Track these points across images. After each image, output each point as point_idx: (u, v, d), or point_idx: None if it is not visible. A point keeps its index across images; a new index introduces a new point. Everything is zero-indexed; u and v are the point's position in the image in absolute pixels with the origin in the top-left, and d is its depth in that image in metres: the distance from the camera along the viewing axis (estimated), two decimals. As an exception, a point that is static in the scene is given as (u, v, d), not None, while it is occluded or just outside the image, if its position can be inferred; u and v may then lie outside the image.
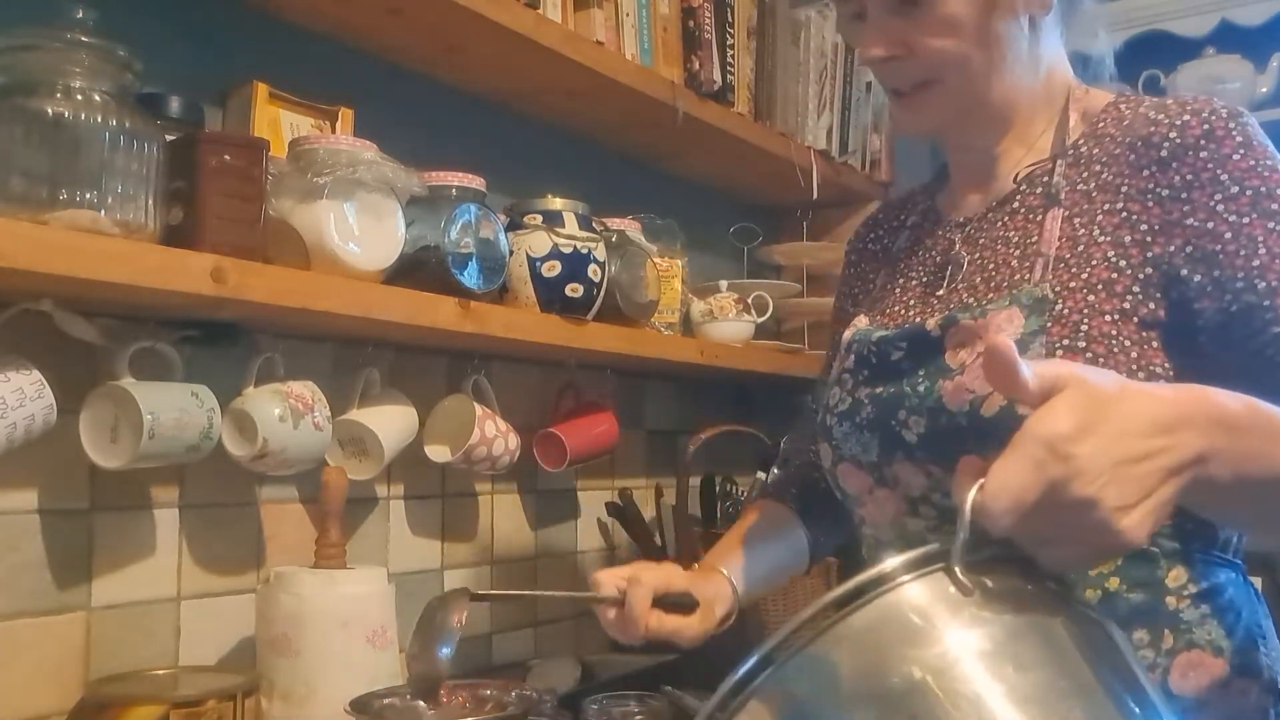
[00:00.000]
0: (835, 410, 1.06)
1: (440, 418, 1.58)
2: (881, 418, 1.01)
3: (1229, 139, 0.93)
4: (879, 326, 1.08)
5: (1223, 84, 2.16)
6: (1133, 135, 0.98)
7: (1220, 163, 0.92)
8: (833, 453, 1.07)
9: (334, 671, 1.26)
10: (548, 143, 1.87)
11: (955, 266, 1.05)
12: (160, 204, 1.08)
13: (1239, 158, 0.92)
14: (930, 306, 1.06)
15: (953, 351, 0.97)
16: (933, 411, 0.96)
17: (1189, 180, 0.93)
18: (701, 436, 1.88)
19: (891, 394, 1.00)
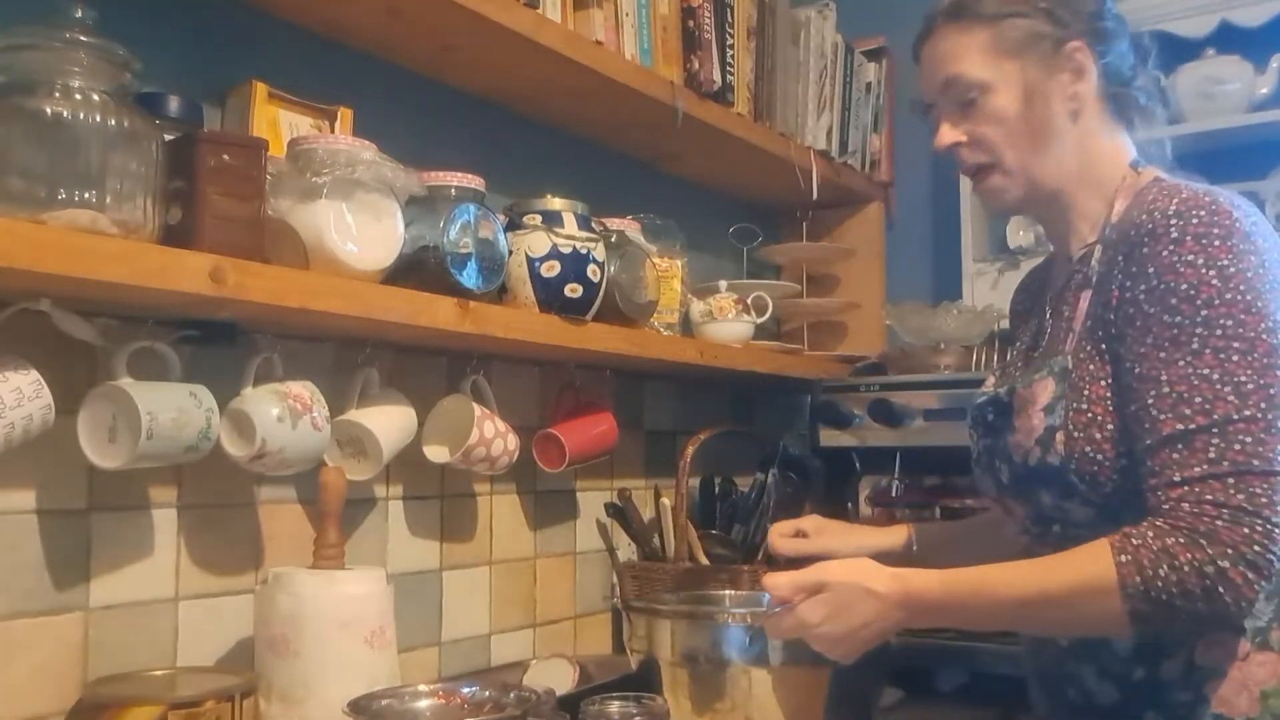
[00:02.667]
0: (973, 456, 1.32)
1: (439, 418, 1.58)
2: (989, 464, 1.26)
3: (1165, 236, 1.08)
4: (992, 388, 1.30)
5: (1223, 85, 2.16)
6: (1125, 224, 1.15)
7: (1152, 258, 1.08)
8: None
9: (332, 672, 1.26)
10: (547, 143, 1.87)
11: (1041, 335, 1.27)
12: (159, 204, 1.07)
13: (1166, 253, 1.07)
14: (1022, 371, 1.26)
15: (1016, 413, 1.20)
16: (1009, 460, 1.21)
17: (1132, 271, 1.10)
18: (701, 437, 1.88)
19: (989, 445, 1.26)
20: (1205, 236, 1.06)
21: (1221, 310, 1.04)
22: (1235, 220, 1.07)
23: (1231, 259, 1.05)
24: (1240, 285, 1.05)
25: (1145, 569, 1.01)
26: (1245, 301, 1.04)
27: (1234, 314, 1.04)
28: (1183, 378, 1.04)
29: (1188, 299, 1.05)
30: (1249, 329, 1.03)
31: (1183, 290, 1.05)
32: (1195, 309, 1.05)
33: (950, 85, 1.23)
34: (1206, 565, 0.99)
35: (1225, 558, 0.99)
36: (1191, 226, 1.06)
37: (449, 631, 1.66)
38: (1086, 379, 1.14)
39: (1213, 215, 1.07)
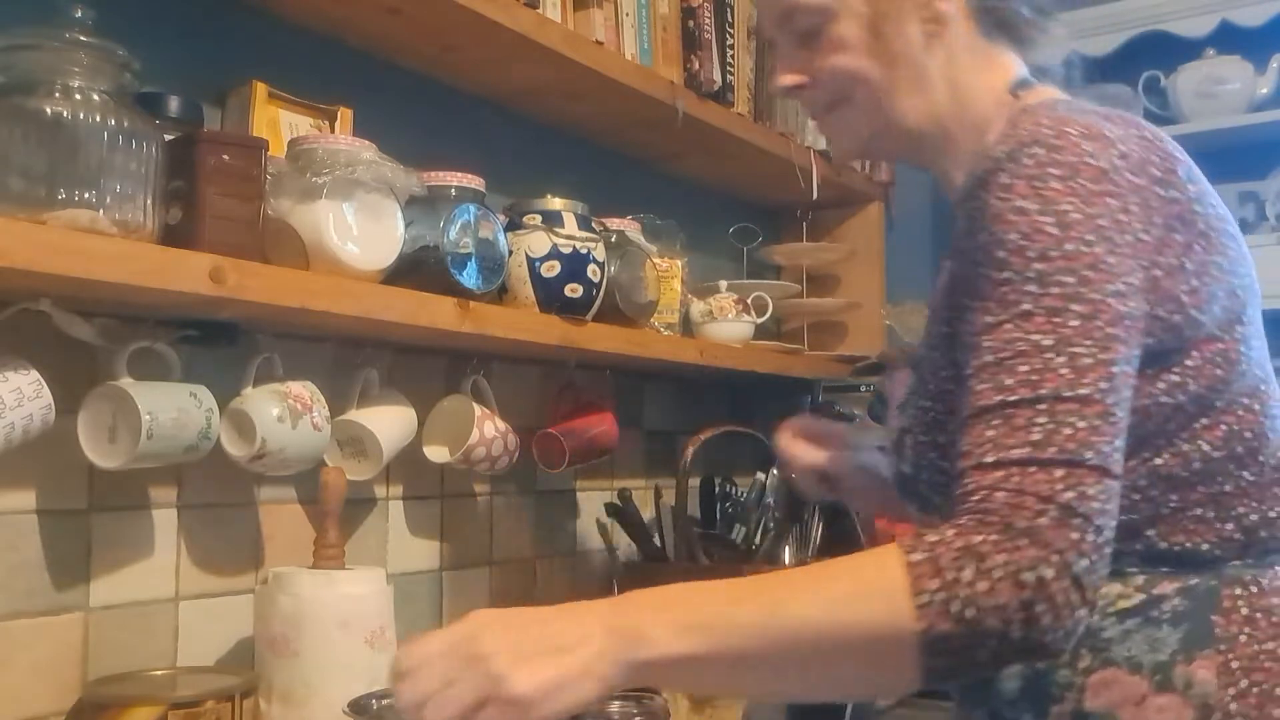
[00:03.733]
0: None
1: (439, 418, 1.58)
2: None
3: (995, 181, 0.87)
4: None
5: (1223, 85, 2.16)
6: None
7: (983, 208, 0.87)
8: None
9: (332, 672, 1.26)
10: (547, 143, 1.87)
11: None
12: (159, 204, 1.07)
13: (996, 201, 0.86)
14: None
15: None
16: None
17: (966, 227, 0.89)
18: (701, 437, 1.88)
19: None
20: (1041, 178, 0.85)
21: (1059, 264, 0.82)
22: (1087, 156, 0.86)
23: (1075, 203, 0.84)
24: (1087, 234, 0.83)
25: (945, 571, 0.75)
26: (1091, 255, 0.83)
27: (1075, 269, 0.82)
28: (1008, 343, 0.82)
29: (1017, 250, 0.83)
30: (1093, 289, 0.82)
31: (1011, 241, 0.84)
32: (1026, 262, 0.83)
33: (787, 16, 1.04)
34: (1025, 571, 0.74)
35: (1049, 564, 0.74)
36: (1025, 167, 0.85)
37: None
38: (930, 367, 0.94)
39: (1055, 151, 0.86)
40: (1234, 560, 0.90)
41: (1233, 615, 0.88)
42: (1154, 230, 0.87)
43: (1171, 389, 0.88)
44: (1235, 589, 0.89)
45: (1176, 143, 0.94)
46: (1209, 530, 0.89)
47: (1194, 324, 0.88)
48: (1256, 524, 0.90)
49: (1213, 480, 0.89)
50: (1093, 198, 0.85)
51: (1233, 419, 0.90)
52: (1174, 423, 0.88)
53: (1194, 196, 0.91)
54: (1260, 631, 0.88)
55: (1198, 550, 0.89)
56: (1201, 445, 0.89)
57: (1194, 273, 0.89)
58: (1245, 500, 0.90)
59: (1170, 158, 0.92)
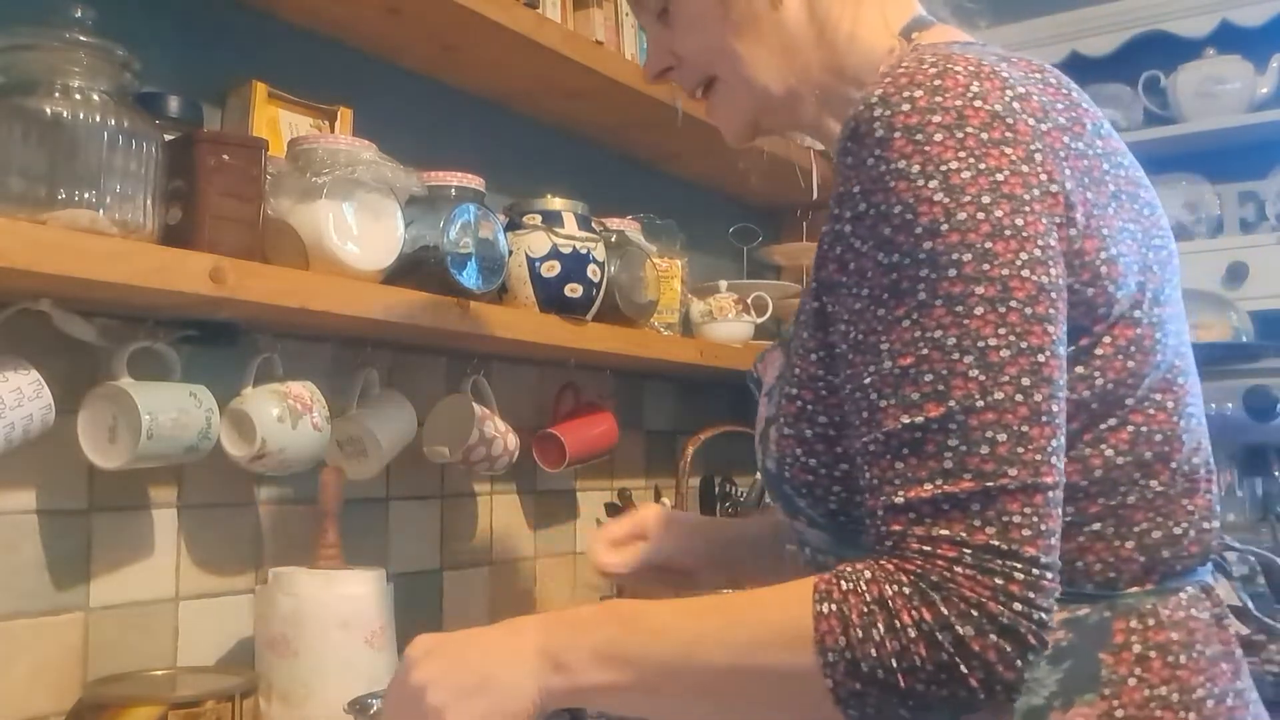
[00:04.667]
0: None
1: (439, 418, 1.58)
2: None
3: (869, 134, 0.73)
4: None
5: (1223, 84, 2.16)
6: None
7: (856, 170, 0.74)
8: None
9: (332, 672, 1.26)
10: (547, 143, 1.87)
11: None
12: (159, 204, 1.07)
13: (871, 162, 0.73)
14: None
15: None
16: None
17: (839, 192, 0.77)
18: (701, 437, 1.88)
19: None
20: (920, 128, 0.71)
21: (953, 239, 0.70)
22: (975, 99, 0.72)
23: (964, 158, 0.70)
24: (982, 197, 0.70)
25: (853, 627, 0.68)
26: (992, 221, 0.70)
27: (972, 243, 0.69)
28: (907, 345, 0.70)
29: (903, 227, 0.71)
30: (998, 263, 0.69)
31: (895, 215, 0.71)
32: (915, 241, 0.70)
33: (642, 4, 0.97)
34: (940, 631, 0.66)
35: (967, 621, 0.66)
36: (901, 116, 0.72)
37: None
38: (799, 351, 0.81)
39: (936, 94, 0.72)
40: (1132, 587, 0.77)
41: (1123, 654, 0.75)
42: (1066, 183, 0.74)
43: (1076, 383, 0.75)
44: (1130, 621, 0.76)
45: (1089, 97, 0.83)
46: (1105, 548, 0.77)
47: (1109, 300, 0.75)
48: (1159, 542, 0.78)
49: (1114, 491, 0.77)
50: (985, 149, 0.71)
51: (1141, 419, 0.77)
52: (1076, 423, 0.75)
53: (1103, 152, 0.79)
54: (1153, 674, 0.75)
55: (1090, 572, 0.77)
56: (1105, 450, 0.76)
57: (1110, 239, 0.75)
58: (1149, 514, 0.77)
59: (1077, 107, 0.80)
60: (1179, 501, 0.79)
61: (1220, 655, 0.79)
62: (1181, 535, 0.79)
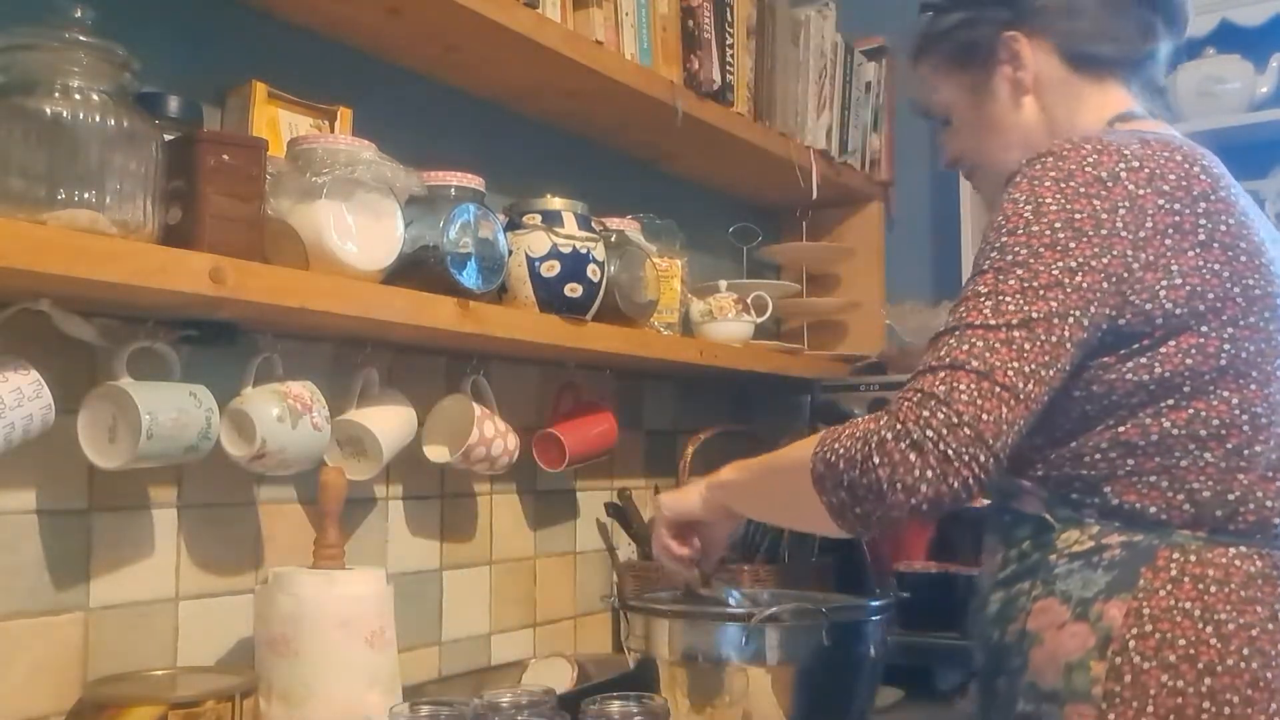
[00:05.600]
0: None
1: (439, 418, 1.58)
2: None
3: (1010, 182, 1.06)
4: None
5: (1223, 84, 2.16)
6: None
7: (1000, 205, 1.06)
8: None
9: (332, 672, 1.26)
10: (547, 143, 1.87)
11: None
12: (159, 204, 1.07)
13: (1004, 195, 1.05)
14: None
15: None
16: None
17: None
18: (701, 437, 1.88)
19: None
20: (1039, 179, 1.03)
21: (1020, 239, 1.00)
22: (1087, 165, 1.03)
23: (1058, 199, 1.01)
24: (1056, 223, 1.00)
25: (833, 434, 1.01)
26: (1052, 237, 1.00)
27: (1031, 245, 1.00)
28: (966, 288, 1.02)
29: (997, 228, 1.03)
30: (1041, 261, 0.99)
31: (998, 222, 1.03)
32: (997, 235, 1.02)
33: (933, 116, 1.31)
34: (872, 435, 0.96)
35: (890, 430, 0.95)
36: (1033, 170, 1.04)
37: (449, 631, 1.66)
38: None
39: (1059, 160, 1.04)
40: (1182, 529, 1.02)
41: (1161, 573, 1.00)
42: (1140, 232, 1.01)
43: (1139, 369, 1.01)
44: (1174, 553, 1.01)
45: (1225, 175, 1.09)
46: (1159, 496, 1.02)
47: (1168, 316, 1.01)
48: (1209, 501, 1.02)
49: (1169, 454, 1.02)
50: (1078, 197, 1.01)
51: (1202, 406, 1.02)
52: (1137, 398, 1.02)
53: (1202, 212, 1.03)
54: (1181, 591, 0.99)
55: (1146, 512, 1.02)
56: (1163, 422, 1.02)
57: (1179, 273, 1.01)
58: (1201, 478, 1.02)
59: (1191, 178, 1.04)
60: (1235, 475, 1.02)
61: (1258, 599, 1.00)
62: (1236, 502, 1.02)
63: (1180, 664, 0.97)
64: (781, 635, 1.40)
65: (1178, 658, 0.97)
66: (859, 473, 0.97)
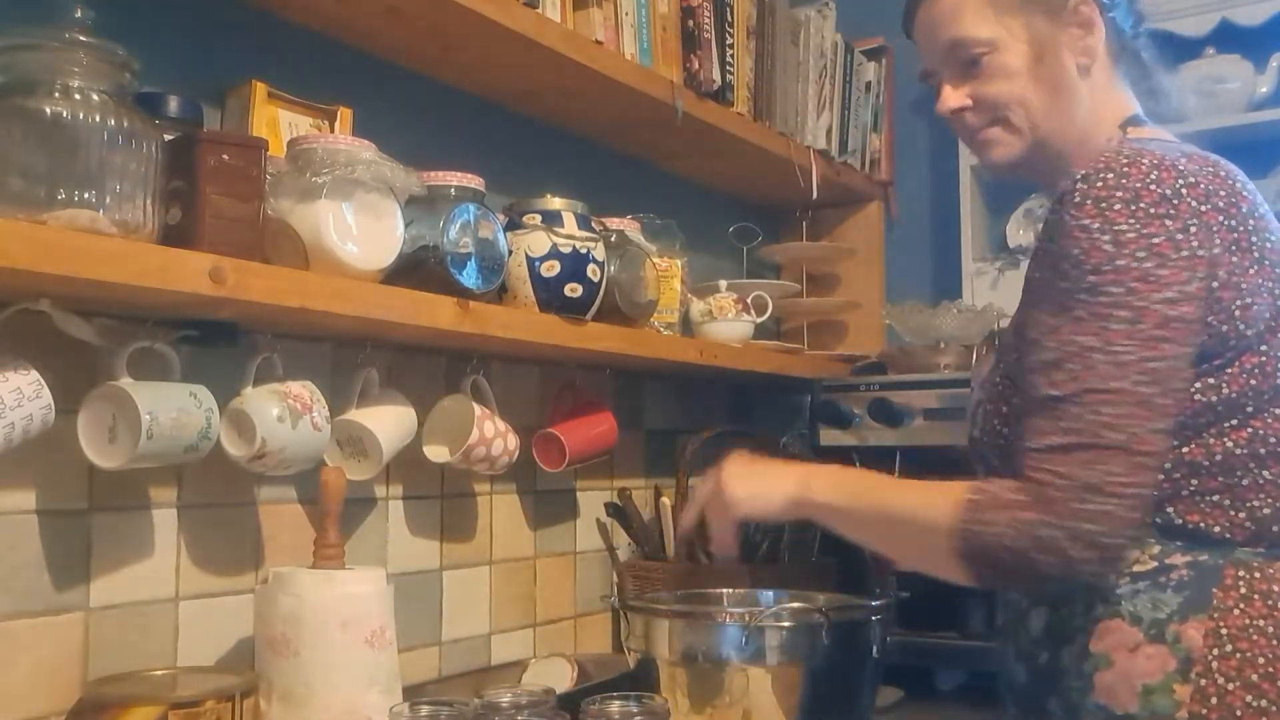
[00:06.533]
0: None
1: (439, 418, 1.58)
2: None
3: (1070, 200, 1.02)
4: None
5: (1223, 84, 2.16)
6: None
7: (1057, 224, 1.03)
8: None
9: (333, 672, 1.26)
10: (547, 142, 1.87)
11: None
12: (159, 204, 1.07)
13: (1068, 219, 1.02)
14: None
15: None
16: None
17: (1044, 238, 1.05)
18: (701, 437, 1.88)
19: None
20: (1106, 200, 1.00)
21: (1109, 277, 0.98)
22: (1151, 183, 1.00)
23: (1132, 224, 0.99)
24: (1138, 252, 0.98)
25: (984, 512, 0.99)
26: (1140, 269, 0.98)
27: (1123, 281, 0.98)
28: (1062, 344, 1.00)
29: (1077, 264, 1.00)
30: (1139, 297, 0.98)
31: (1074, 255, 1.00)
32: (1082, 274, 1.00)
33: (955, 47, 1.19)
34: (1040, 529, 0.96)
35: (1059, 528, 0.95)
36: (1095, 190, 1.01)
37: (449, 631, 1.66)
38: (1007, 350, 1.14)
39: (1121, 178, 1.01)
40: (1243, 546, 1.03)
41: (1231, 591, 1.02)
42: (1213, 250, 1.00)
43: (1207, 390, 1.03)
44: (1239, 570, 1.02)
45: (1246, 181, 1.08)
46: (1222, 515, 1.04)
47: (1240, 336, 1.02)
48: (1269, 518, 1.03)
49: (1232, 473, 1.03)
50: (1150, 220, 0.99)
51: (1260, 425, 1.04)
52: (1204, 419, 1.03)
53: (1253, 228, 1.04)
54: (1253, 609, 1.01)
55: (1209, 531, 1.04)
56: (1226, 442, 1.03)
57: (1247, 291, 1.02)
58: (1261, 495, 1.04)
59: (1237, 195, 1.04)
60: None
61: None
62: None
63: (1262, 683, 0.99)
64: (782, 635, 1.40)
65: (1259, 676, 0.99)
66: (1019, 563, 0.97)
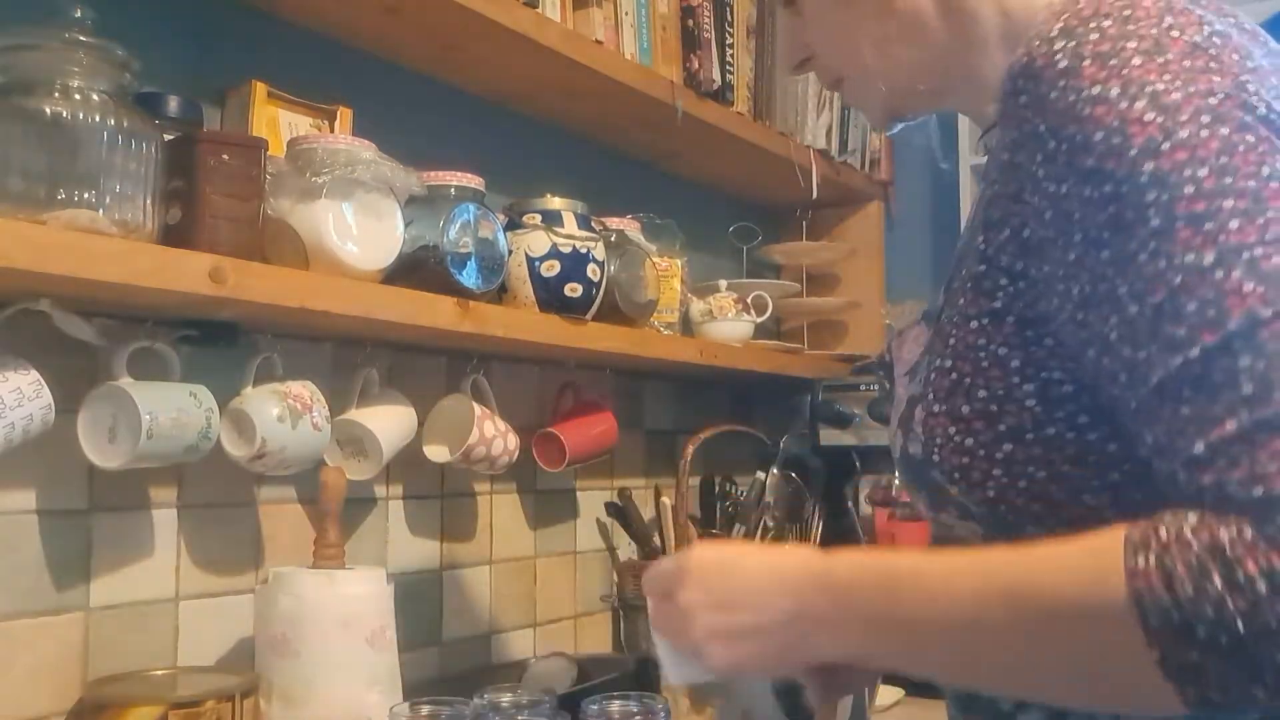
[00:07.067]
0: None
1: (439, 418, 1.58)
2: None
3: (1049, 69, 0.66)
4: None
5: (1222, 84, 2.16)
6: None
7: (1037, 109, 0.67)
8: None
9: (333, 672, 1.26)
10: (547, 142, 1.87)
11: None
12: (159, 204, 1.07)
13: (1056, 95, 0.65)
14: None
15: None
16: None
17: (1013, 139, 0.69)
18: (701, 436, 1.88)
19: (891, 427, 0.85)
20: (1115, 54, 0.64)
21: (1180, 156, 0.61)
22: (1171, 27, 0.65)
23: (1171, 80, 0.63)
24: (1203, 116, 0.62)
25: (1181, 582, 0.55)
26: (1221, 138, 0.61)
27: (1203, 158, 0.61)
28: (1154, 279, 0.60)
29: (1112, 152, 0.63)
30: (1243, 173, 0.60)
31: (1099, 141, 0.63)
32: (1132, 164, 0.62)
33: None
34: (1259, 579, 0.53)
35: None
36: (1090, 44, 0.65)
37: (449, 631, 1.66)
38: (955, 319, 0.74)
39: (1128, 22, 0.66)
40: None
41: None
42: (1277, 103, 0.64)
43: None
44: None
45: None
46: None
47: None
48: None
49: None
50: (1193, 75, 0.63)
51: None
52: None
53: None
54: None
55: None
56: None
57: None
58: None
59: (1275, 55, 0.69)
60: None
61: None
62: None
63: None
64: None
65: None
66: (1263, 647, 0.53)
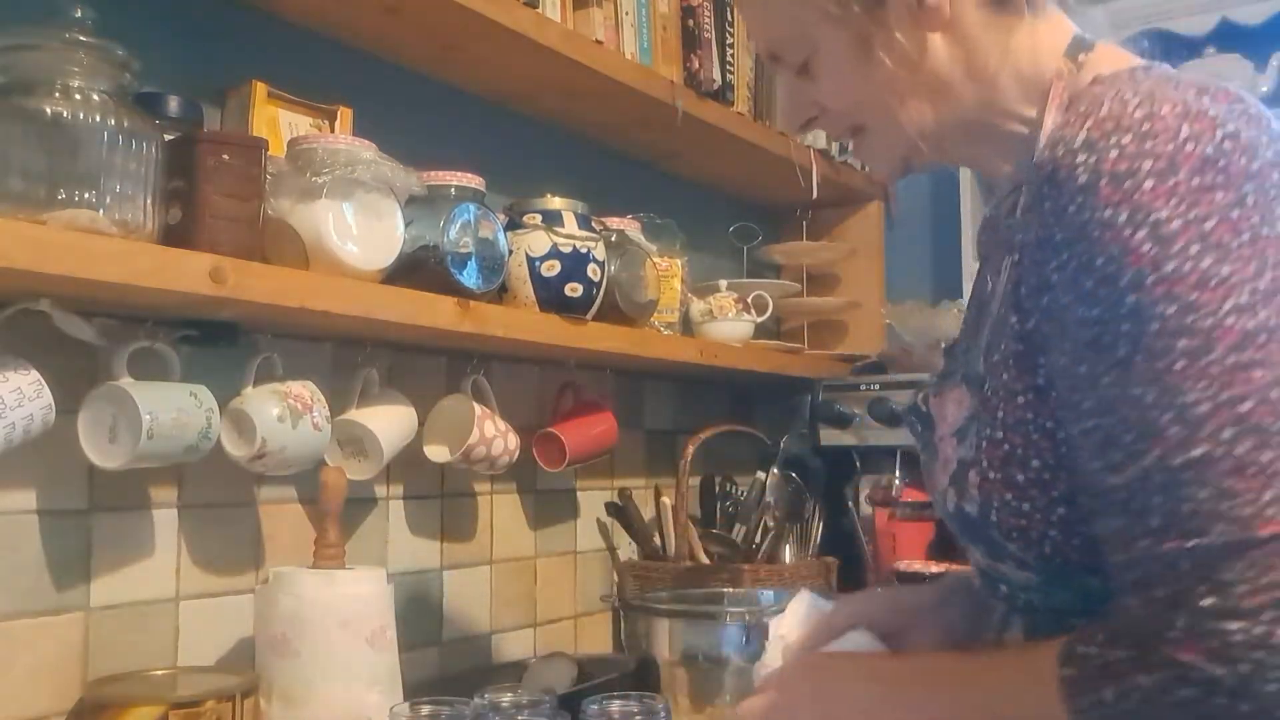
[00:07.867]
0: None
1: (439, 418, 1.58)
2: (931, 491, 0.91)
3: (1071, 181, 0.72)
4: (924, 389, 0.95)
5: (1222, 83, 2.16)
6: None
7: (1057, 217, 0.73)
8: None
9: (333, 672, 1.26)
10: (547, 142, 1.87)
11: (973, 308, 0.92)
12: (159, 204, 1.07)
13: (1075, 210, 0.72)
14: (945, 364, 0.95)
15: (934, 432, 0.89)
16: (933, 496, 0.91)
17: (1037, 237, 0.76)
18: (701, 436, 1.88)
19: (927, 466, 0.93)
20: (1131, 175, 0.70)
21: (1158, 292, 0.69)
22: (1186, 141, 0.71)
23: (1175, 206, 0.69)
24: (1192, 247, 0.68)
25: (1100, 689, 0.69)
26: (1200, 272, 0.68)
27: (1177, 295, 0.68)
28: (1108, 404, 0.71)
29: (1106, 279, 0.70)
30: (1204, 314, 0.68)
31: (1099, 266, 0.70)
32: (1118, 294, 0.70)
33: (775, 56, 0.93)
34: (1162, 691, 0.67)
35: (1185, 685, 0.66)
36: (1109, 161, 0.71)
37: (449, 631, 1.66)
38: (1001, 393, 0.80)
39: (1145, 140, 0.71)
40: None
41: None
42: (1278, 223, 0.71)
43: None
44: None
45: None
46: None
47: None
48: None
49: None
50: (1196, 196, 0.69)
51: None
52: None
53: None
54: None
55: None
56: None
57: None
58: None
59: (1278, 140, 0.76)
60: None
61: None
62: None
63: None
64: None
65: None
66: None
